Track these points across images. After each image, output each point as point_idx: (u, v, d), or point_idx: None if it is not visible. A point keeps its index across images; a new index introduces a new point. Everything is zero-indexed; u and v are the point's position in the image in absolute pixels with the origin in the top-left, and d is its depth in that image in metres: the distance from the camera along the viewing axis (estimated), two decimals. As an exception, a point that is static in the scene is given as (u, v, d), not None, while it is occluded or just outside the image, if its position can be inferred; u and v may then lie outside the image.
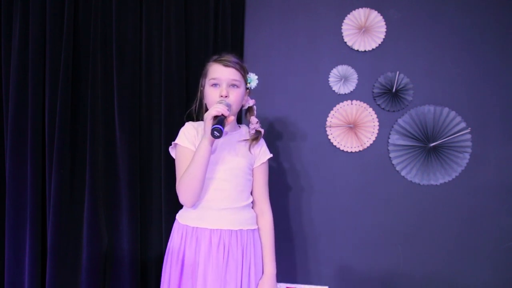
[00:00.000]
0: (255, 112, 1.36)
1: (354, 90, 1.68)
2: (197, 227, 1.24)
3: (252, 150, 1.31)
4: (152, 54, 1.68)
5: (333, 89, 1.69)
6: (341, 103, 1.68)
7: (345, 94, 1.69)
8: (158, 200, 1.68)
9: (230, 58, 1.26)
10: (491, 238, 1.60)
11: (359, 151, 1.68)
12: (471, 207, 1.61)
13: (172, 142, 1.30)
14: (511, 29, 1.59)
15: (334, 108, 1.69)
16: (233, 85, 1.24)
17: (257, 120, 1.34)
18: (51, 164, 1.64)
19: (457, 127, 1.61)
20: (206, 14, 1.67)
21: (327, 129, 1.70)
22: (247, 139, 1.31)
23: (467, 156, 1.61)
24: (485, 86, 1.60)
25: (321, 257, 1.70)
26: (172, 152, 1.34)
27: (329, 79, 1.70)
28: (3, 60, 1.72)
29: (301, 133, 1.72)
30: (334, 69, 1.69)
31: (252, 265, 1.27)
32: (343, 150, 1.69)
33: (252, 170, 1.33)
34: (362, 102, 1.67)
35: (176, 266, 1.24)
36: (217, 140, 1.17)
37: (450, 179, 1.62)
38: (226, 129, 1.24)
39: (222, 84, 1.23)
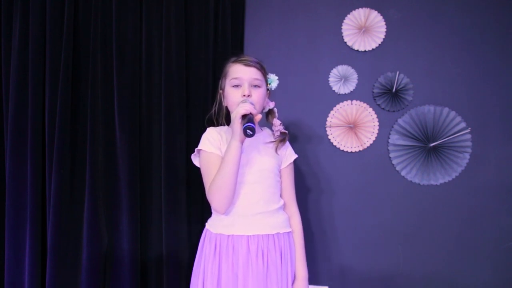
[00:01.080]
0: (276, 114, 1.36)
1: (354, 90, 1.68)
2: (232, 235, 1.20)
3: (279, 152, 1.30)
4: (152, 54, 1.68)
5: (333, 89, 1.69)
6: (341, 103, 1.68)
7: (345, 94, 1.69)
8: (158, 200, 1.68)
9: (250, 57, 1.25)
10: (491, 238, 1.60)
11: (359, 151, 1.68)
12: (471, 207, 1.61)
13: (195, 149, 1.28)
14: (511, 29, 1.59)
15: (334, 108, 1.69)
16: (255, 85, 1.23)
17: (280, 122, 1.32)
18: (51, 164, 1.64)
19: (457, 127, 1.61)
20: (206, 14, 1.67)
21: (327, 129, 1.70)
22: (274, 141, 1.29)
23: (467, 156, 1.61)
24: (485, 86, 1.60)
25: (321, 257, 1.70)
26: (195, 159, 1.32)
27: (329, 79, 1.70)
28: (3, 60, 1.72)
29: (301, 133, 1.72)
30: (334, 69, 1.69)
31: (289, 269, 1.25)
32: (343, 150, 1.69)
33: (280, 172, 1.31)
34: (362, 102, 1.67)
35: (212, 277, 1.19)
36: (245, 143, 1.15)
37: (450, 179, 1.62)
38: None
39: (244, 84, 1.21)
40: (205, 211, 1.70)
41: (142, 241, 1.68)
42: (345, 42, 1.68)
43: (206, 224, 1.32)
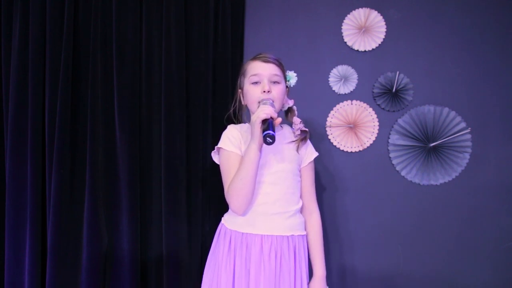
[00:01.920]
0: (296, 112, 1.35)
1: (354, 90, 1.68)
2: (247, 233, 1.20)
3: (299, 151, 1.29)
4: (152, 54, 1.68)
5: (333, 89, 1.69)
6: (341, 103, 1.68)
7: (345, 94, 1.69)
8: (158, 200, 1.68)
9: (268, 54, 1.25)
10: (491, 238, 1.60)
11: (359, 151, 1.68)
12: (471, 207, 1.61)
13: (216, 147, 1.28)
14: (511, 29, 1.59)
15: (334, 108, 1.69)
16: (275, 82, 1.22)
17: (300, 120, 1.31)
18: (51, 164, 1.64)
19: (457, 127, 1.61)
20: (206, 14, 1.67)
21: (327, 129, 1.70)
22: (295, 140, 1.28)
23: (467, 156, 1.61)
24: (485, 86, 1.60)
25: (321, 257, 1.70)
26: (215, 157, 1.31)
27: (329, 79, 1.70)
28: (3, 60, 1.72)
29: (301, 133, 1.72)
30: (334, 69, 1.69)
31: (304, 272, 1.25)
32: (343, 150, 1.69)
33: (300, 170, 1.30)
34: (362, 102, 1.67)
35: (226, 273, 1.20)
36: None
37: (450, 179, 1.62)
38: None
39: (263, 80, 1.21)
40: (205, 211, 1.70)
41: (142, 241, 1.68)
42: (345, 42, 1.68)
43: (222, 219, 1.32)
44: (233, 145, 1.23)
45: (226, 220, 1.29)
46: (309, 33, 1.71)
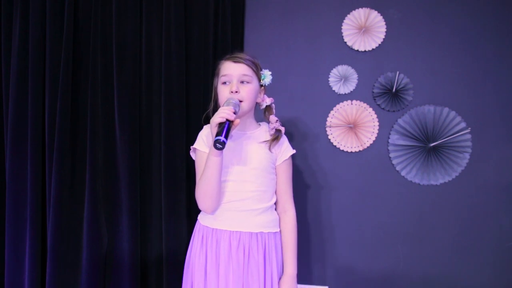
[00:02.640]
0: (273, 110, 1.35)
1: (354, 90, 1.68)
2: (216, 229, 1.22)
3: (272, 150, 1.28)
4: (152, 54, 1.68)
5: (333, 89, 1.69)
6: (341, 103, 1.68)
7: (345, 94, 1.69)
8: (158, 200, 1.68)
9: (241, 55, 1.26)
10: (491, 238, 1.60)
11: (359, 151, 1.68)
12: (471, 207, 1.61)
13: (191, 147, 1.30)
14: (511, 29, 1.59)
15: (334, 108, 1.69)
16: (245, 81, 1.23)
17: (276, 119, 1.31)
18: (51, 164, 1.64)
19: (457, 127, 1.61)
20: (206, 14, 1.67)
21: (327, 129, 1.70)
22: (267, 140, 1.29)
23: (467, 156, 1.61)
24: (485, 86, 1.60)
25: (321, 257, 1.70)
26: (193, 155, 1.33)
27: (329, 79, 1.70)
28: (3, 60, 1.72)
29: (301, 133, 1.72)
30: (334, 69, 1.69)
31: (275, 269, 1.25)
32: (343, 150, 1.69)
33: (275, 169, 1.31)
34: (362, 102, 1.67)
35: (199, 267, 1.23)
36: (237, 141, 1.16)
37: (450, 179, 1.62)
38: (245, 129, 1.25)
39: (232, 80, 1.22)
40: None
41: (142, 241, 1.68)
42: (345, 42, 1.68)
43: (198, 215, 1.34)
44: (205, 145, 1.24)
45: (201, 217, 1.31)
46: (309, 33, 1.71)
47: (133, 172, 1.64)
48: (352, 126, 1.68)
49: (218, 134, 1.09)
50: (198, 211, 1.67)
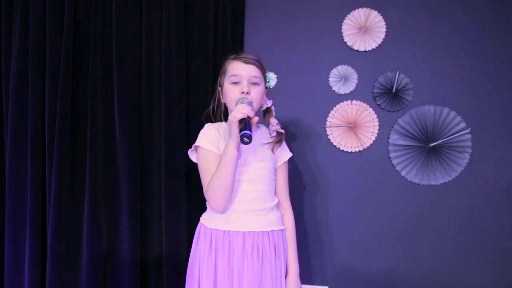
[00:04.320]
0: (273, 113, 1.36)
1: (354, 90, 1.68)
2: (228, 231, 1.21)
3: (275, 151, 1.31)
4: (152, 54, 1.68)
5: (333, 89, 1.69)
6: (341, 103, 1.68)
7: (345, 94, 1.69)
8: (158, 200, 1.68)
9: (249, 55, 1.26)
10: (491, 238, 1.60)
11: (359, 151, 1.68)
12: (471, 207, 1.61)
13: (193, 145, 1.29)
14: (511, 29, 1.59)
15: (334, 108, 1.69)
16: (254, 83, 1.24)
17: (277, 122, 1.33)
18: (51, 164, 1.64)
19: (457, 127, 1.61)
20: (206, 14, 1.67)
21: (327, 129, 1.70)
22: (270, 142, 1.30)
23: (467, 156, 1.61)
24: (485, 86, 1.60)
25: (320, 257, 1.70)
26: (192, 155, 1.32)
27: (329, 79, 1.70)
28: (3, 60, 1.72)
29: (301, 133, 1.72)
30: (334, 69, 1.69)
31: (283, 266, 1.27)
32: (343, 150, 1.69)
33: (275, 170, 1.33)
34: (362, 102, 1.67)
35: (208, 272, 1.20)
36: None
37: (450, 179, 1.62)
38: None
39: (243, 81, 1.22)
40: (205, 211, 1.69)
41: (142, 241, 1.68)
42: (345, 42, 1.68)
43: (201, 218, 1.32)
44: (211, 144, 1.24)
45: (206, 220, 1.28)
46: (309, 33, 1.71)
47: (133, 172, 1.64)
48: (352, 126, 1.68)
49: (242, 129, 1.09)
50: (198, 211, 1.67)
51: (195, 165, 1.69)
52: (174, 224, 1.63)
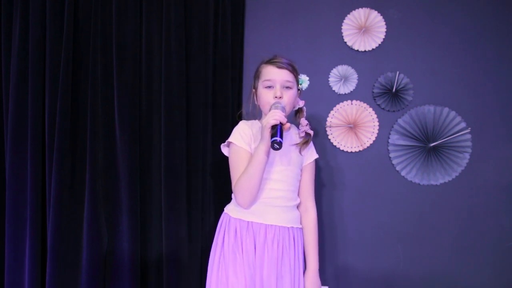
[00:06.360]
0: (305, 113, 1.40)
1: (354, 90, 1.68)
2: (252, 222, 1.27)
3: (302, 152, 1.35)
4: (152, 54, 1.68)
5: (333, 89, 1.69)
6: (341, 103, 1.69)
7: (345, 94, 1.69)
8: (158, 200, 1.68)
9: (282, 59, 1.30)
10: (491, 238, 1.60)
11: (359, 151, 1.68)
12: (471, 207, 1.61)
13: (226, 140, 1.33)
14: (511, 29, 1.59)
15: (334, 108, 1.69)
16: (287, 87, 1.28)
17: (307, 122, 1.36)
18: (51, 164, 1.64)
19: (457, 127, 1.61)
20: (206, 14, 1.67)
21: (327, 129, 1.70)
22: (298, 143, 1.34)
23: (467, 156, 1.61)
24: (485, 86, 1.60)
25: (320, 257, 1.69)
26: (224, 149, 1.37)
27: (329, 79, 1.70)
28: (3, 60, 1.72)
29: (301, 133, 1.72)
30: (334, 69, 1.69)
31: (301, 261, 1.33)
32: (343, 150, 1.69)
33: (301, 170, 1.37)
34: (362, 102, 1.67)
35: (238, 259, 1.25)
36: None
37: (450, 179, 1.62)
38: None
39: (276, 86, 1.27)
40: (205, 211, 1.70)
41: (142, 241, 1.68)
42: (345, 42, 1.68)
43: (225, 209, 1.37)
44: (244, 141, 1.29)
45: (231, 210, 1.33)
46: (309, 33, 1.71)
47: (133, 172, 1.64)
48: (352, 126, 1.68)
49: (273, 135, 1.15)
50: (199, 212, 1.68)
51: (195, 165, 1.70)
52: (174, 224, 1.63)
